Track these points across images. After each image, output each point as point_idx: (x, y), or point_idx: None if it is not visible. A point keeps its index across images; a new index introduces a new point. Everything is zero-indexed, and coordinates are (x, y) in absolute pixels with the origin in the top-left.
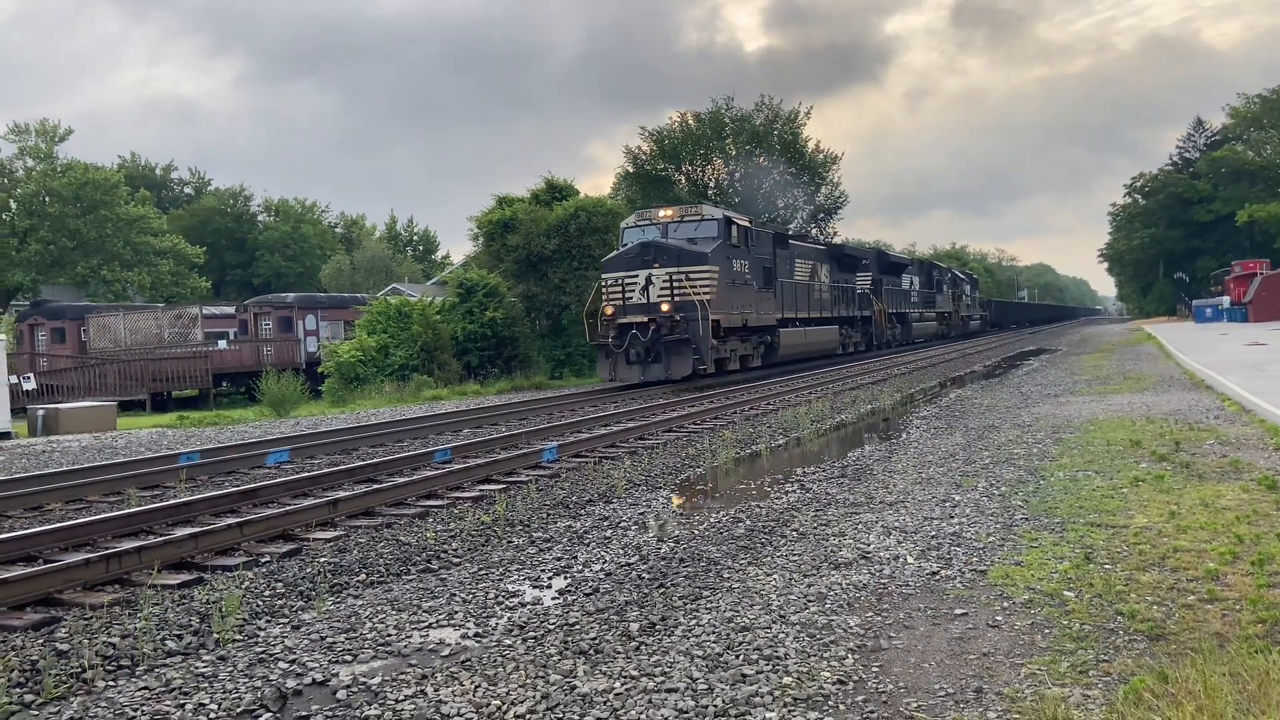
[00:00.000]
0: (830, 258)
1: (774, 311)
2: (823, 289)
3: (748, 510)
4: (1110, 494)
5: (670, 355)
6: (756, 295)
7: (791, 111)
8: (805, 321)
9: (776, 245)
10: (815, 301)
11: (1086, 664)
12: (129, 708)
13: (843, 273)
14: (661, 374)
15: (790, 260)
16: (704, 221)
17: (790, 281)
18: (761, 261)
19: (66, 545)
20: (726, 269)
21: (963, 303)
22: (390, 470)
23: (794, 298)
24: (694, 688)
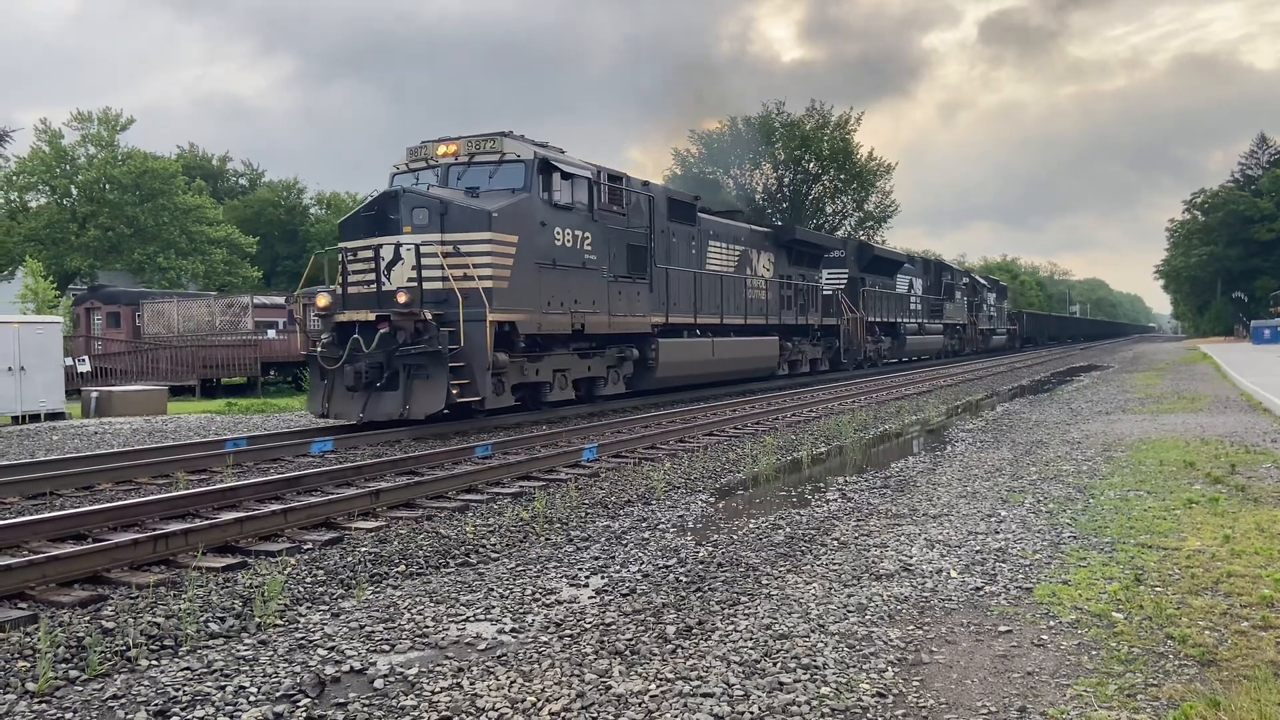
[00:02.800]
0: (777, 244)
1: (648, 312)
2: (758, 285)
3: (787, 517)
4: (1162, 515)
5: (414, 379)
6: (611, 287)
7: (842, 117)
8: (718, 330)
9: (671, 216)
10: (741, 301)
11: (1135, 687)
12: (171, 687)
13: (797, 266)
14: (396, 409)
15: (697, 241)
16: (505, 164)
17: (688, 271)
18: (625, 235)
19: (115, 525)
20: (536, 240)
21: (983, 313)
22: (432, 463)
23: (694, 293)
24: (730, 693)
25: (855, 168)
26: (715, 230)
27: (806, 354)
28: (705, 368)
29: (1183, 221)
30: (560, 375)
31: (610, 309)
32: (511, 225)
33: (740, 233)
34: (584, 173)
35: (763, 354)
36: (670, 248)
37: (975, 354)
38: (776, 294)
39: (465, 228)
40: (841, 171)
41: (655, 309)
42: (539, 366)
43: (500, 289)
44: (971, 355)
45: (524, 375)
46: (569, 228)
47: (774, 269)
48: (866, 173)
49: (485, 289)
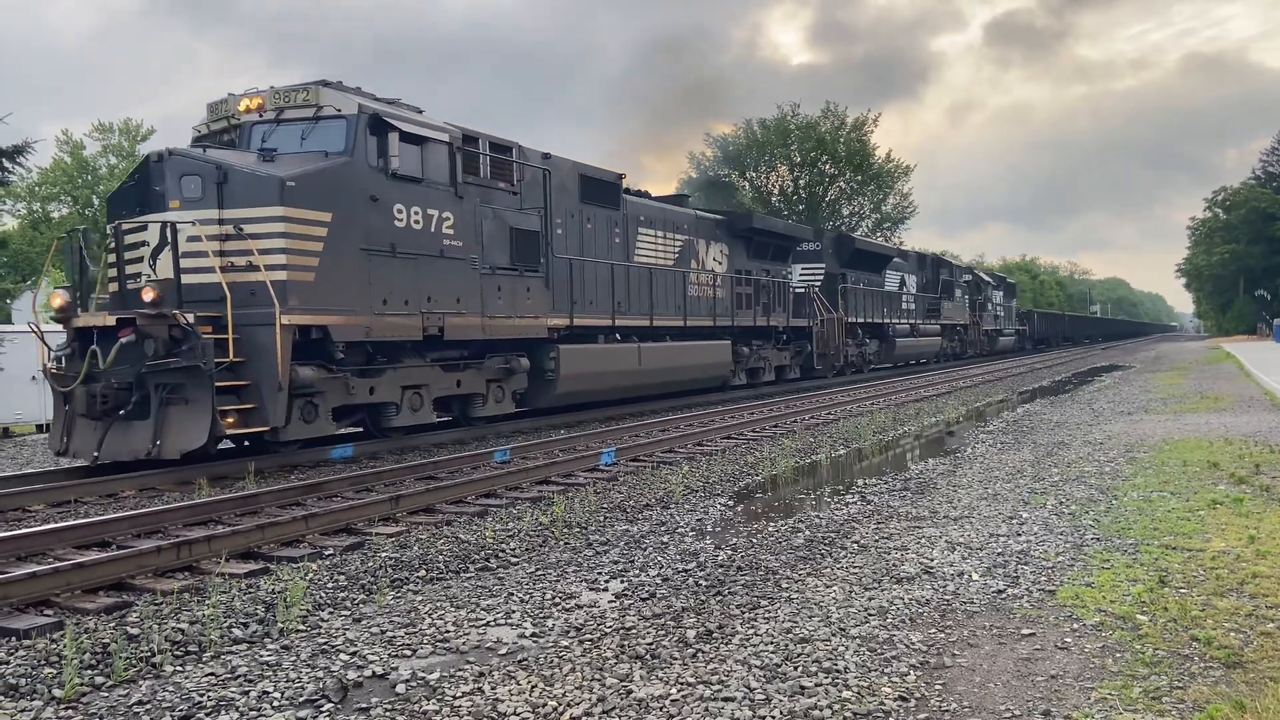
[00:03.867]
0: (732, 233)
1: (543, 312)
2: (705, 282)
3: (807, 520)
4: (1186, 516)
5: (169, 405)
6: (487, 281)
7: (859, 118)
8: (648, 333)
9: (585, 197)
10: (680, 299)
11: (1160, 690)
12: (195, 693)
13: (759, 260)
14: (144, 445)
15: (622, 228)
16: (322, 120)
17: (605, 264)
18: (510, 218)
19: (139, 532)
20: (363, 218)
21: (987, 312)
22: (450, 468)
23: (615, 291)
24: (751, 697)
25: (872, 169)
26: (647, 216)
27: (770, 360)
28: (628, 379)
29: (1204, 219)
30: (413, 393)
31: (485, 308)
32: (320, 198)
33: (682, 220)
34: (439, 136)
35: (710, 361)
36: (583, 235)
37: (979, 357)
38: (730, 291)
39: (251, 201)
40: (859, 173)
41: (555, 309)
42: (376, 383)
43: (300, 282)
44: (974, 358)
45: (351, 394)
46: (419, 205)
47: (729, 262)
48: (884, 174)
49: (277, 282)
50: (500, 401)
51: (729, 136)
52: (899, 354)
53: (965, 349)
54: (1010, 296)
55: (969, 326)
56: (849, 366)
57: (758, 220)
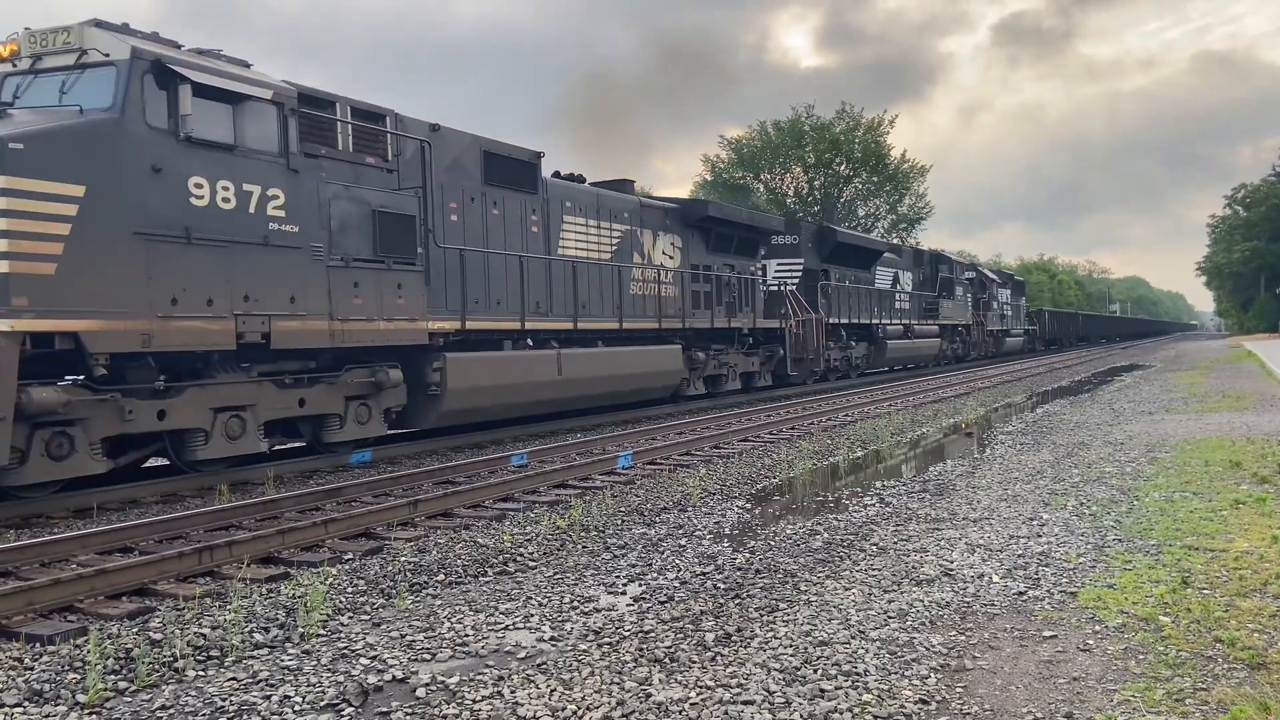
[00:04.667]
0: (685, 224)
1: (421, 313)
2: (650, 278)
3: (825, 522)
4: (1209, 516)
5: None
6: (338, 275)
7: (874, 119)
8: (572, 338)
9: (491, 178)
10: (615, 297)
11: (1183, 692)
12: (218, 697)
13: (721, 254)
14: None
15: (541, 214)
16: (88, 69)
17: (514, 256)
18: (368, 197)
19: (161, 538)
20: (138, 193)
21: (992, 311)
22: (468, 473)
23: (529, 288)
24: (771, 700)
25: (888, 170)
26: (577, 202)
27: (735, 366)
28: (545, 391)
29: (1224, 217)
30: (231, 417)
31: (336, 309)
32: (66, 166)
33: (623, 207)
34: (260, 93)
35: (655, 368)
36: (487, 223)
37: (983, 359)
38: (684, 289)
39: None
40: (874, 174)
41: (439, 309)
42: (169, 405)
43: (34, 276)
44: (978, 361)
45: (129, 421)
46: (230, 180)
47: (682, 256)
48: (900, 175)
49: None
50: (365, 423)
51: (743, 139)
52: (890, 357)
53: (968, 351)
54: (1019, 295)
55: (972, 327)
56: (832, 372)
57: (715, 209)
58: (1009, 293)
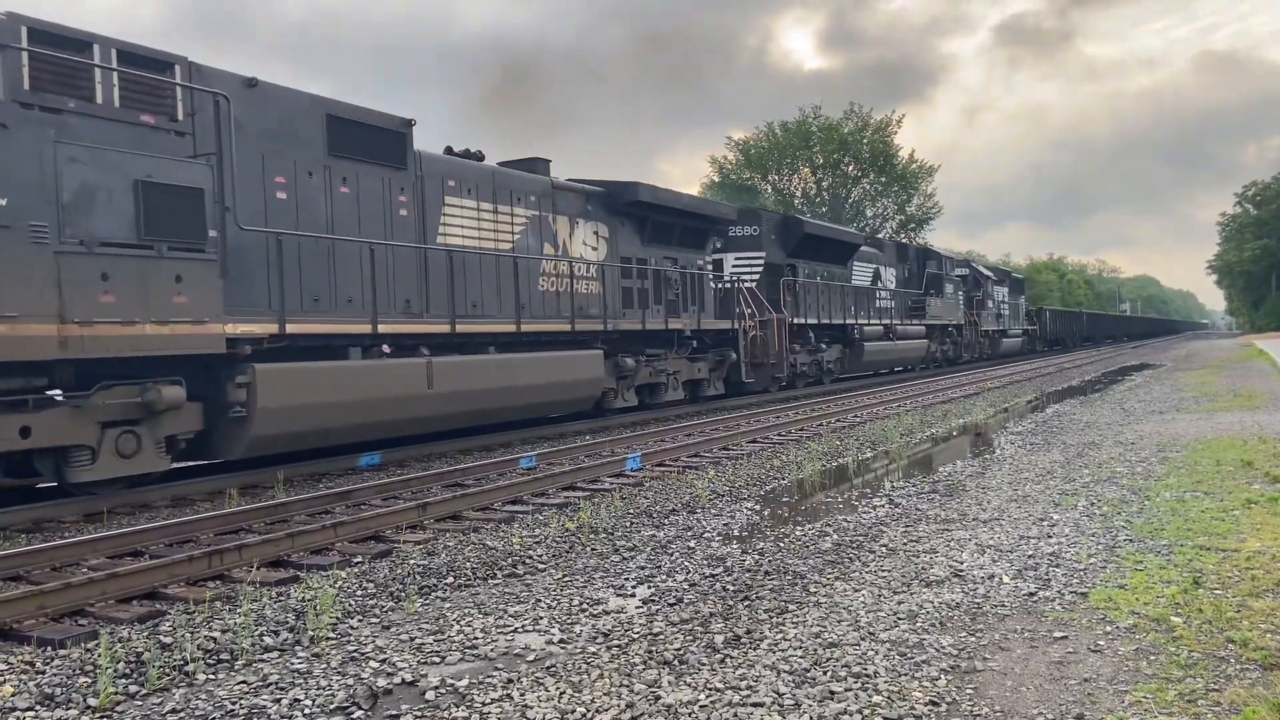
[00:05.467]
0: (611, 210)
1: (214, 314)
2: (565, 272)
3: (834, 524)
4: (1220, 516)
5: None
6: (71, 263)
7: (883, 120)
8: (448, 344)
9: (338, 147)
10: (524, 296)
11: (1195, 693)
12: (228, 701)
13: (660, 245)
14: None
15: (412, 194)
16: None
17: (364, 244)
18: (128, 164)
19: (171, 542)
20: None
21: (987, 310)
22: (477, 475)
23: (375, 279)
24: (780, 702)
25: (896, 170)
26: (462, 180)
27: (678, 373)
28: (408, 408)
29: (1234, 215)
30: None
31: (69, 309)
32: None
33: (530, 189)
34: None
35: (567, 377)
36: (332, 202)
37: (976, 362)
38: (612, 285)
39: None
40: (882, 174)
41: (251, 309)
42: None
43: None
44: (970, 364)
45: None
46: None
47: (608, 248)
48: (908, 175)
49: None
50: (132, 455)
51: (750, 140)
52: (869, 361)
53: (960, 352)
54: (1017, 293)
55: (964, 327)
56: (800, 378)
57: (648, 192)
58: (1006, 290)
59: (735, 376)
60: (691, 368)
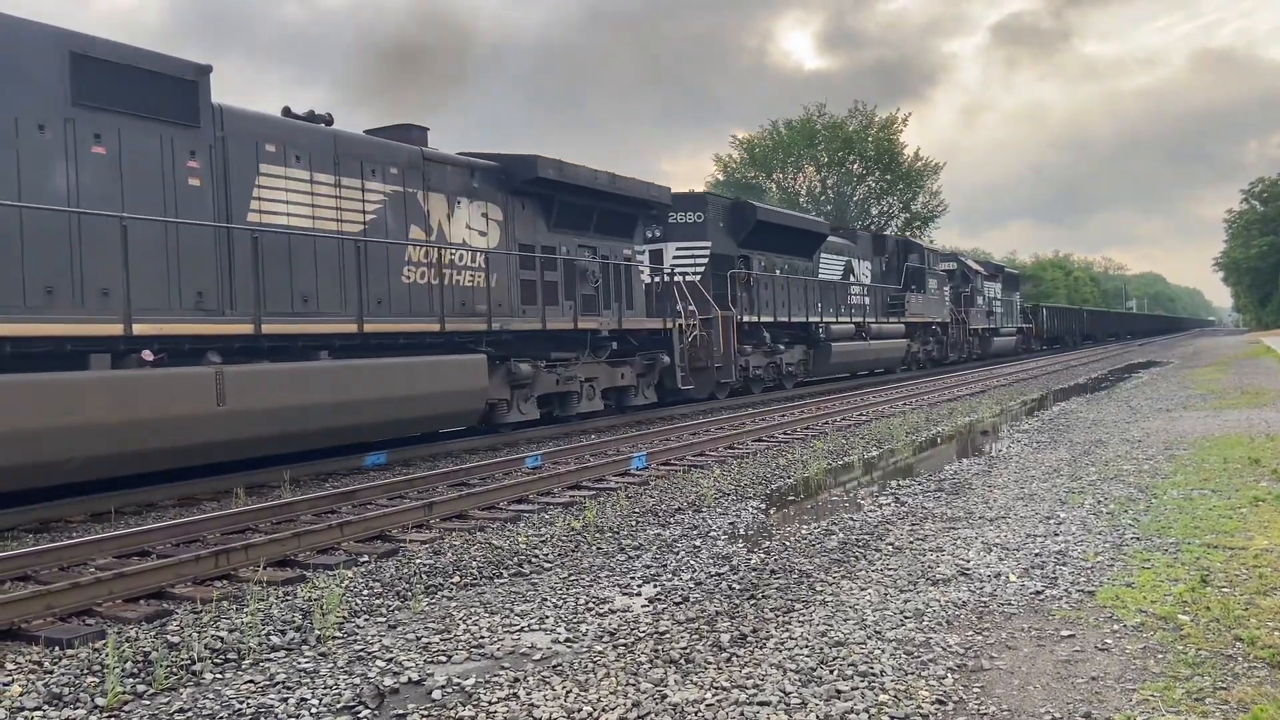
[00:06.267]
0: (508, 188)
1: None
2: (426, 260)
3: (840, 522)
4: (1228, 514)
5: None
6: None
7: (888, 117)
8: (254, 348)
9: (81, 93)
10: (379, 289)
11: (1203, 691)
12: (235, 700)
13: (575, 232)
14: None
15: (210, 158)
16: None
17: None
18: None
19: (178, 541)
20: None
21: (977, 307)
22: (483, 475)
23: (129, 265)
24: (787, 701)
25: (901, 168)
26: (286, 145)
27: (595, 380)
28: (182, 435)
29: (1240, 212)
30: None
31: None
32: None
33: (390, 159)
34: None
35: (433, 389)
36: (77, 166)
37: (964, 363)
38: (504, 277)
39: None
40: (887, 172)
41: None
42: None
43: None
44: (957, 365)
45: None
46: None
47: (502, 232)
48: (913, 173)
49: None
50: None
51: (754, 138)
52: (837, 363)
53: (945, 352)
54: (1011, 289)
55: (950, 325)
56: (755, 382)
57: (552, 168)
58: (999, 286)
59: (671, 382)
60: (613, 373)
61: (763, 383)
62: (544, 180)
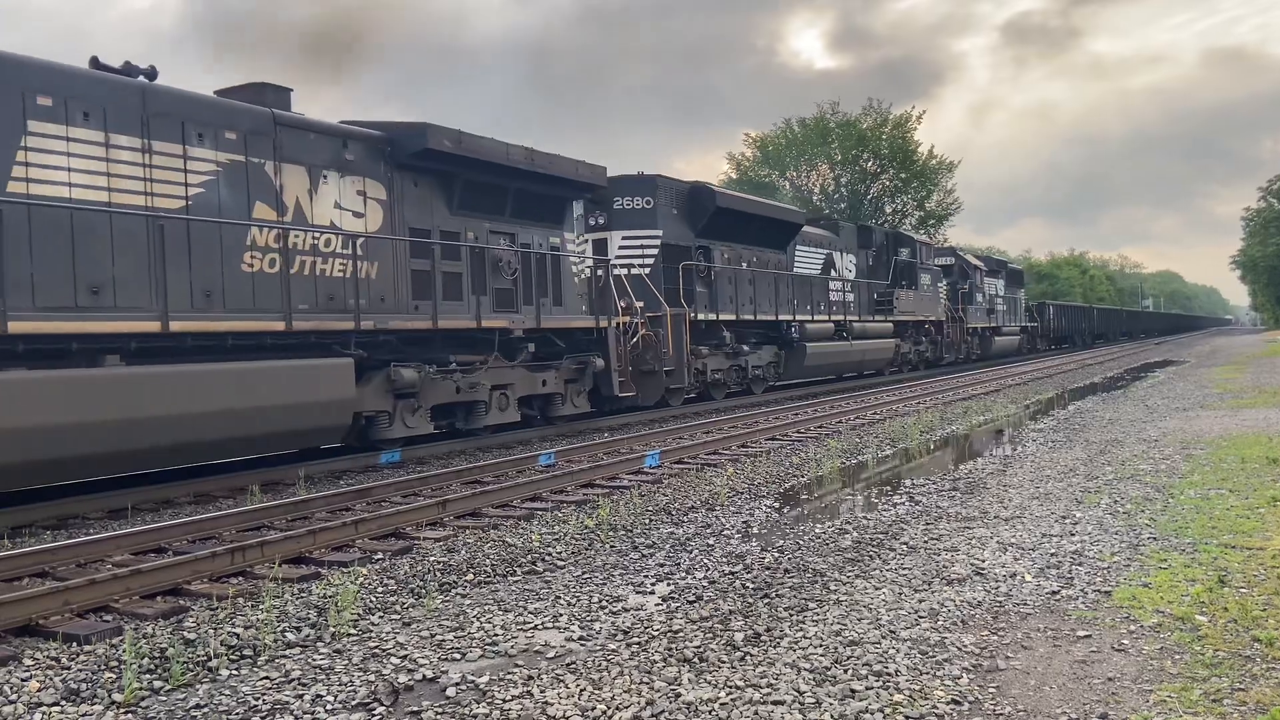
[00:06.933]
0: (391, 160)
1: None
2: (270, 244)
3: (854, 521)
4: (1246, 514)
5: None
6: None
7: (902, 115)
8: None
9: None
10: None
11: (1221, 692)
12: (251, 697)
13: (485, 215)
14: None
15: None
16: None
17: None
18: None
19: (194, 538)
20: None
21: (976, 305)
22: (496, 473)
23: None
24: (801, 700)
25: (915, 166)
26: (68, 96)
27: (509, 388)
28: None
29: (1259, 209)
30: None
31: None
32: None
33: (228, 121)
34: None
35: (273, 401)
36: None
37: (962, 364)
38: (391, 267)
39: None
40: (902, 170)
41: None
42: None
43: None
44: (953, 366)
45: None
46: None
47: (386, 214)
48: (928, 171)
49: None
50: None
51: (767, 137)
52: (813, 365)
53: (940, 353)
54: (1015, 285)
55: (946, 323)
56: (716, 388)
57: (447, 138)
58: (1001, 283)
59: (608, 388)
60: (532, 379)
61: (725, 388)
62: (440, 154)
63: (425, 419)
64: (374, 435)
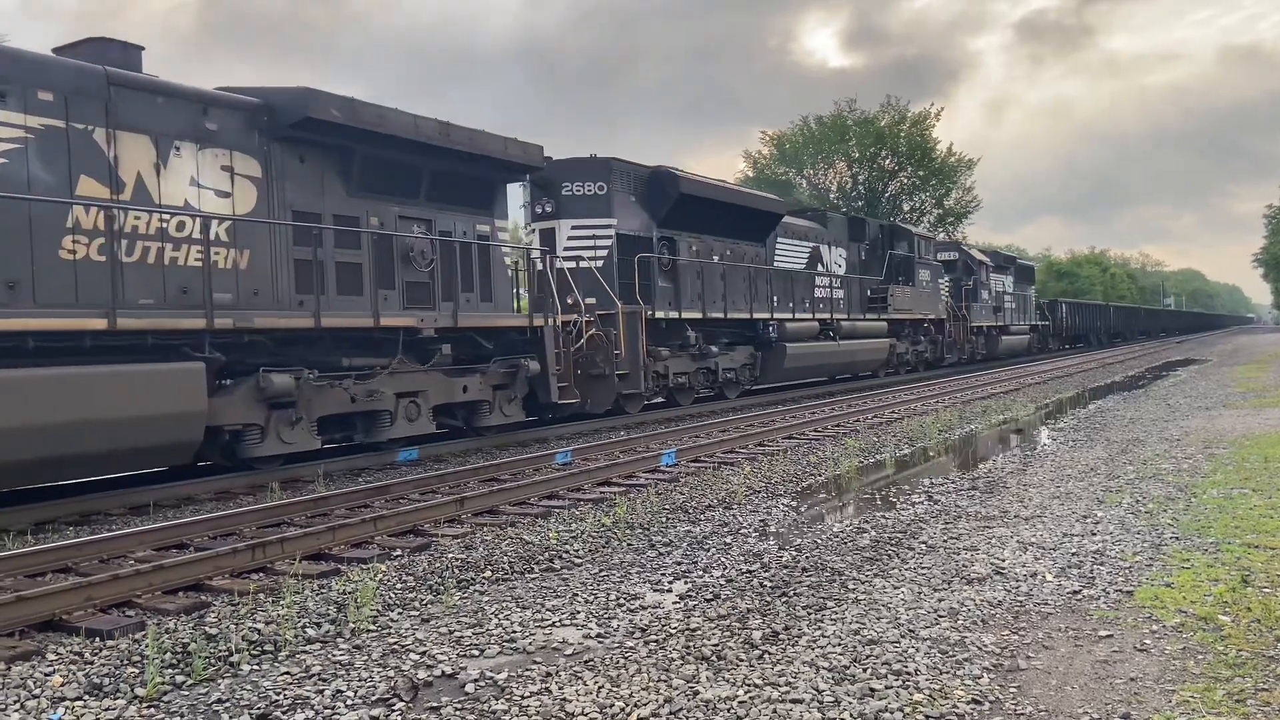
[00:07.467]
0: (267, 132)
1: None
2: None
3: (873, 520)
4: (1269, 513)
5: None
6: None
7: (921, 113)
8: None
9: None
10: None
11: (1244, 692)
12: (272, 691)
13: (390, 198)
14: None
15: None
16: None
17: None
18: None
19: (215, 534)
20: None
21: (981, 303)
22: (513, 471)
23: None
24: (820, 699)
25: (934, 164)
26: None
27: (422, 395)
28: None
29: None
30: None
31: None
32: None
33: (41, 77)
34: None
35: (85, 415)
36: None
37: (965, 365)
38: (269, 255)
39: None
40: (920, 168)
41: None
42: None
43: None
44: (955, 368)
45: None
46: None
47: (262, 194)
48: (946, 168)
49: None
50: None
51: (784, 134)
52: (793, 367)
53: (941, 353)
54: (1025, 282)
55: (947, 322)
56: (681, 392)
57: (335, 109)
58: (1010, 280)
59: (545, 394)
60: (449, 386)
61: (693, 392)
62: (329, 125)
63: (309, 433)
64: (242, 453)
